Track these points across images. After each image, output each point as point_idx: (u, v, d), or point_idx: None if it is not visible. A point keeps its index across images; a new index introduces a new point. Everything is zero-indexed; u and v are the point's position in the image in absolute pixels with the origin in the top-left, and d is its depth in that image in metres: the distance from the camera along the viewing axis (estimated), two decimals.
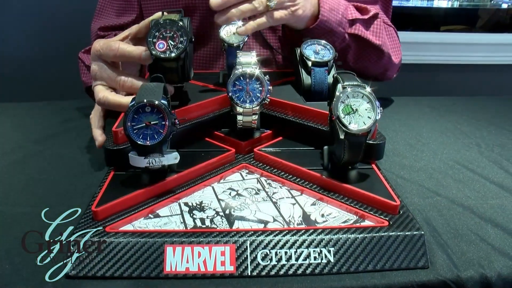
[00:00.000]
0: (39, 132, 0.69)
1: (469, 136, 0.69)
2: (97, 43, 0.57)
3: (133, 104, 0.42)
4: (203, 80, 0.65)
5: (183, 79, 0.56)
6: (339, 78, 0.45)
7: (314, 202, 0.44)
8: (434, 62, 1.83)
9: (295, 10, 0.61)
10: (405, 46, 2.04)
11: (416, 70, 1.87)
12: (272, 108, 0.56)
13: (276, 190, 0.46)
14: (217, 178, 0.48)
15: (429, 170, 0.56)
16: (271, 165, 0.50)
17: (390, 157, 0.59)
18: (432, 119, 0.77)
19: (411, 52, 1.81)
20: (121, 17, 0.85)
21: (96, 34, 0.86)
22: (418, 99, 0.90)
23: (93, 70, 0.58)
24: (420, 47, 1.81)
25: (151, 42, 0.51)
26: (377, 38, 0.72)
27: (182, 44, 0.51)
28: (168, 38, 0.51)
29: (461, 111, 0.82)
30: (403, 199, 0.46)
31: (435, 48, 1.79)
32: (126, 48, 0.54)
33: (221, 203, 0.44)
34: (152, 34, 0.51)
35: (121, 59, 0.56)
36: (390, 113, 0.79)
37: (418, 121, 0.75)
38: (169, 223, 0.40)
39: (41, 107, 0.83)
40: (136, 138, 0.41)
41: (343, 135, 0.42)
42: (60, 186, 0.50)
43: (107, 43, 0.56)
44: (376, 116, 0.43)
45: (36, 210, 0.42)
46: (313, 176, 0.46)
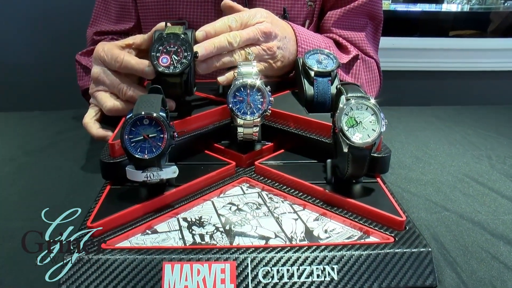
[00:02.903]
0: (32, 144, 0.69)
1: (479, 148, 0.69)
2: (101, 47, 0.59)
3: (130, 116, 0.43)
4: (203, 90, 0.66)
5: (186, 94, 0.57)
6: (343, 89, 0.46)
7: (317, 217, 0.45)
8: (441, 69, 1.84)
9: (274, 62, 0.64)
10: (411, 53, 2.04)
11: (422, 78, 1.87)
12: (274, 120, 0.57)
13: (278, 205, 0.47)
14: (217, 193, 0.49)
15: (436, 184, 0.57)
16: (273, 178, 0.51)
17: (396, 170, 0.60)
18: (439, 129, 0.78)
19: (418, 59, 1.82)
20: (119, 24, 0.87)
21: (92, 39, 0.88)
22: (424, 109, 0.91)
23: (94, 73, 0.59)
24: (427, 54, 1.81)
25: (154, 57, 0.52)
26: (356, 79, 0.77)
27: (186, 59, 0.52)
28: (172, 52, 0.52)
29: (470, 121, 0.83)
30: (409, 214, 0.46)
31: (443, 54, 1.79)
32: (130, 61, 0.56)
33: (221, 218, 0.44)
34: (156, 48, 0.52)
35: (124, 71, 0.57)
36: (396, 123, 0.80)
37: (424, 132, 0.76)
38: (167, 239, 0.41)
39: (34, 117, 0.84)
40: (133, 152, 0.42)
41: (347, 148, 0.43)
42: (54, 200, 0.51)
43: (112, 51, 0.57)
44: (381, 128, 0.43)
45: (30, 225, 0.43)
46: (316, 191, 0.47)
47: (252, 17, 0.62)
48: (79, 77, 0.85)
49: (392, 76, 1.79)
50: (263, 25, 0.61)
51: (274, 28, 0.63)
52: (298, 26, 0.71)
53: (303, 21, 0.82)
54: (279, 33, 0.64)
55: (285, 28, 0.67)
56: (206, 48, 0.56)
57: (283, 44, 0.64)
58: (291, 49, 0.67)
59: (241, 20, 0.61)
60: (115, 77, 0.58)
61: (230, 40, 0.58)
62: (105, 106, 0.59)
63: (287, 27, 0.68)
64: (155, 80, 0.55)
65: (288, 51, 0.66)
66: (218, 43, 0.57)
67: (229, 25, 0.59)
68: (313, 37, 0.71)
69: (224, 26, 0.59)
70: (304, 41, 0.68)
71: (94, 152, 0.65)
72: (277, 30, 0.63)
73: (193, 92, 0.59)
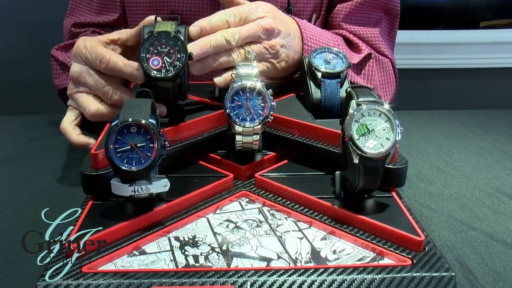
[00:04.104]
0: (2, 153, 0.70)
1: (511, 158, 0.70)
2: (82, 43, 0.59)
3: (116, 124, 0.44)
4: (197, 93, 0.68)
5: (179, 98, 0.58)
6: (353, 93, 0.47)
7: (324, 236, 0.46)
8: (469, 66, 1.79)
9: (277, 62, 0.66)
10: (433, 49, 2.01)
11: (446, 77, 1.83)
12: (276, 127, 0.59)
13: (281, 222, 0.48)
14: (213, 208, 0.50)
15: (461, 199, 0.57)
16: (275, 192, 0.52)
17: (414, 183, 0.61)
18: (465, 137, 0.79)
19: (441, 56, 1.80)
20: (101, 15, 0.88)
21: (70, 31, 0.89)
22: (447, 113, 0.91)
23: (74, 72, 0.60)
24: (452, 49, 1.78)
25: (144, 59, 0.53)
26: (368, 81, 0.78)
27: (179, 62, 0.53)
28: (163, 54, 0.53)
29: (501, 127, 0.83)
30: (429, 233, 0.47)
31: (472, 49, 1.77)
32: (117, 62, 0.57)
33: (217, 237, 0.46)
34: (145, 48, 0.53)
35: (110, 72, 0.58)
36: (414, 130, 0.81)
37: (447, 140, 0.77)
38: (157, 261, 0.42)
39: (5, 122, 0.85)
40: (119, 163, 0.43)
41: (358, 159, 0.44)
42: (27, 217, 0.52)
43: (95, 49, 0.58)
44: (396, 136, 0.45)
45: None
46: (324, 206, 0.48)
47: (252, 12, 0.63)
48: (55, 75, 0.85)
49: (411, 76, 1.77)
50: (265, 21, 0.63)
51: (277, 24, 0.64)
52: (303, 22, 0.72)
53: (309, 16, 0.84)
54: (283, 30, 0.65)
55: (289, 24, 0.69)
56: (201, 47, 0.57)
57: (287, 42, 0.66)
58: (296, 48, 0.68)
59: (240, 14, 0.62)
60: (99, 78, 0.59)
61: (228, 37, 0.59)
62: (88, 110, 0.60)
63: (292, 22, 0.70)
64: (144, 84, 0.56)
65: (293, 50, 0.68)
66: (215, 41, 0.58)
67: (227, 20, 0.61)
68: (321, 33, 0.73)
69: (221, 21, 0.60)
70: (310, 38, 0.70)
71: (74, 162, 0.66)
72: (281, 26, 0.65)
73: (187, 96, 0.60)
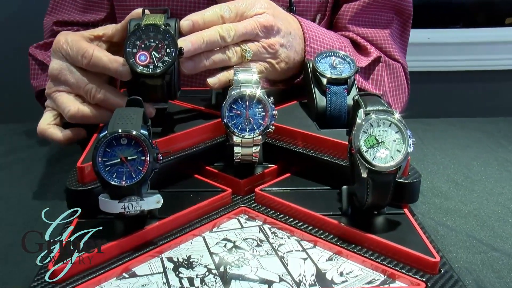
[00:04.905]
0: None
1: None
2: (63, 38, 0.60)
3: (104, 135, 0.45)
4: (191, 100, 0.69)
5: (169, 97, 0.59)
6: (361, 101, 0.48)
7: (330, 257, 0.47)
8: (493, 68, 1.76)
9: (277, 63, 0.67)
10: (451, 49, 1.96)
11: (466, 80, 1.80)
12: (278, 138, 0.60)
13: (283, 241, 0.49)
14: (209, 226, 0.51)
15: (481, 216, 0.58)
16: (277, 209, 0.53)
17: (429, 198, 0.62)
18: (487, 147, 0.79)
19: (461, 56, 1.77)
20: (86, 14, 0.88)
21: (51, 30, 0.89)
22: (467, 121, 0.92)
23: (54, 69, 0.60)
24: (473, 49, 1.76)
25: (130, 54, 0.53)
26: (377, 87, 0.79)
27: (169, 57, 0.53)
28: (151, 48, 0.53)
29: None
30: (445, 254, 0.48)
31: (496, 49, 1.74)
32: (101, 57, 0.57)
33: (214, 258, 0.46)
34: (131, 42, 0.54)
35: (93, 69, 0.59)
36: (429, 140, 0.82)
37: (466, 151, 0.78)
38: (149, 284, 0.43)
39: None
40: (108, 177, 0.44)
41: (366, 172, 0.45)
42: (3, 240, 0.52)
43: (78, 44, 0.59)
44: (408, 148, 0.46)
45: None
46: (330, 224, 0.49)
47: (250, 7, 0.64)
48: (33, 76, 0.85)
49: (426, 79, 1.75)
50: (263, 17, 0.64)
51: (277, 22, 0.65)
52: (306, 21, 0.73)
53: (313, 16, 0.84)
54: (283, 28, 0.66)
55: (290, 22, 0.70)
56: (193, 42, 0.58)
57: (287, 41, 0.67)
58: (297, 48, 0.69)
59: (236, 9, 0.63)
60: (81, 75, 0.59)
61: (223, 34, 0.60)
62: (67, 111, 0.60)
63: (293, 21, 0.71)
64: (131, 81, 0.57)
65: (294, 50, 0.68)
66: (208, 37, 0.59)
67: (222, 15, 0.61)
68: (325, 35, 0.74)
69: (216, 15, 0.61)
70: (313, 40, 0.71)
71: (56, 176, 0.67)
72: (280, 24, 0.66)
73: (177, 95, 0.60)
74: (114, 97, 0.60)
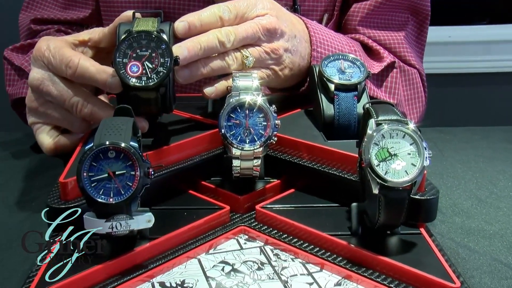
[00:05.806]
0: None
1: None
2: (45, 44, 0.60)
3: (90, 147, 0.45)
4: (185, 108, 0.69)
5: (164, 111, 0.59)
6: (372, 110, 0.49)
7: (339, 282, 0.47)
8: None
9: (280, 69, 0.67)
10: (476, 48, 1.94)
11: (491, 83, 1.78)
12: (281, 150, 0.61)
13: (287, 264, 0.50)
14: (205, 248, 0.52)
15: (508, 237, 0.58)
16: (280, 228, 0.54)
17: (448, 217, 0.62)
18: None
19: (486, 57, 1.75)
20: (68, 10, 0.89)
21: (28, 29, 0.89)
22: (491, 130, 0.92)
23: (35, 79, 0.61)
24: (499, 48, 1.76)
25: (120, 64, 0.54)
26: (391, 96, 0.79)
27: (163, 68, 0.54)
28: (144, 58, 0.54)
29: None
30: (466, 279, 0.48)
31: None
32: (88, 67, 0.58)
33: (210, 282, 0.47)
34: (122, 52, 0.54)
35: (79, 80, 0.59)
36: (449, 152, 0.82)
37: (491, 163, 0.78)
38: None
39: None
40: (94, 194, 0.45)
41: (378, 188, 0.46)
42: None
43: (61, 52, 0.59)
44: (424, 162, 0.46)
45: None
46: (338, 245, 0.50)
47: (251, 8, 0.64)
48: (8, 82, 0.85)
49: (446, 83, 1.74)
50: (266, 20, 0.64)
51: (281, 24, 0.66)
52: (313, 22, 0.74)
53: (320, 16, 0.85)
54: (287, 31, 0.67)
55: (295, 24, 0.70)
56: (189, 49, 0.58)
57: (291, 45, 0.68)
58: (302, 53, 0.70)
59: (236, 10, 0.63)
60: (66, 86, 0.60)
61: (222, 38, 0.61)
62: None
63: (298, 23, 0.72)
64: (121, 94, 0.57)
65: (299, 55, 0.69)
66: (206, 43, 0.59)
67: (220, 16, 0.62)
68: (334, 38, 0.75)
69: (214, 17, 0.61)
70: (320, 43, 0.72)
71: (36, 192, 0.67)
72: (284, 27, 0.67)
73: (172, 108, 0.61)
74: (103, 112, 0.61)
